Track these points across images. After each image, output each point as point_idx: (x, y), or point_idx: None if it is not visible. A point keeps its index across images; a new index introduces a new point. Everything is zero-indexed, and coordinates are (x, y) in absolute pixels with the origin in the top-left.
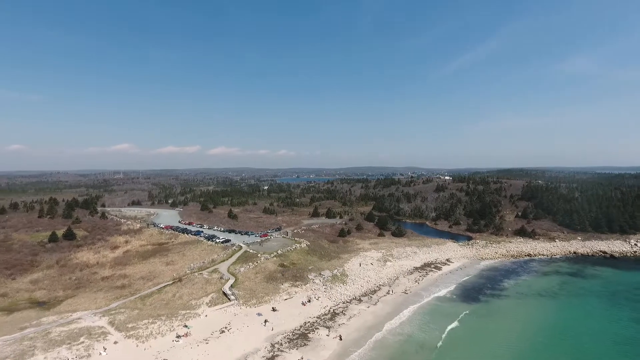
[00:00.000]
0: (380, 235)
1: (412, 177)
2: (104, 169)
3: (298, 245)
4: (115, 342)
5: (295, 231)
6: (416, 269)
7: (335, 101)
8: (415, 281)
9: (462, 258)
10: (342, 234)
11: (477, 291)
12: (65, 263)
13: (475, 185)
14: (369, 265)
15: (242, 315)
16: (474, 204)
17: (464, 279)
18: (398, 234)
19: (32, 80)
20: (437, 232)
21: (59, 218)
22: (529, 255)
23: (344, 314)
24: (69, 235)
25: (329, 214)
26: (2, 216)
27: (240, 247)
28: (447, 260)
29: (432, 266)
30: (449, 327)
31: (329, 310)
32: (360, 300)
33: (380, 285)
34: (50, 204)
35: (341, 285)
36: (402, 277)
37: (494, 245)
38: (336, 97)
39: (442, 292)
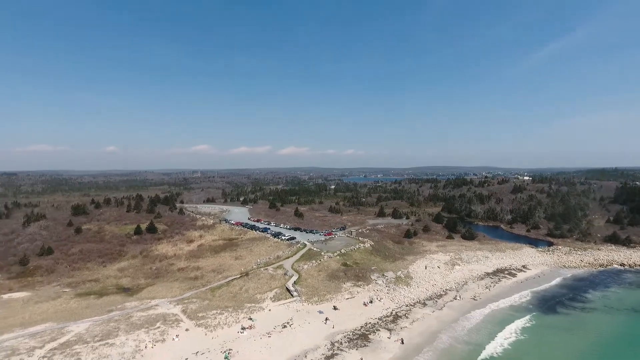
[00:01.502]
0: (449, 237)
1: (486, 177)
2: (184, 169)
3: (362, 245)
4: (187, 330)
5: (359, 231)
6: (487, 274)
7: (404, 101)
8: (486, 287)
9: (540, 265)
10: (408, 235)
11: (556, 302)
12: (147, 254)
13: (558, 186)
14: (436, 268)
15: (303, 311)
16: (556, 206)
17: (542, 287)
18: (468, 236)
19: (126, 88)
20: (512, 236)
21: (144, 213)
22: (622, 265)
23: (407, 317)
24: (151, 229)
25: (395, 214)
26: (98, 210)
27: (305, 245)
28: (523, 266)
29: (506, 272)
30: (522, 339)
31: (391, 313)
32: (424, 304)
33: (446, 289)
34: (136, 200)
35: (405, 287)
36: (471, 283)
37: (578, 252)
38: (405, 97)
39: (516, 301)
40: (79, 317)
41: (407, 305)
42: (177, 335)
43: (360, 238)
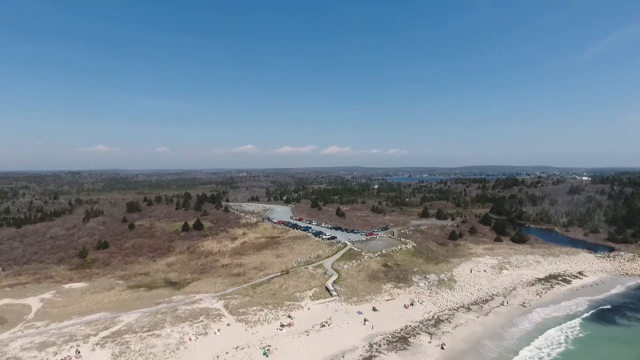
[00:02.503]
0: (497, 240)
1: (539, 177)
2: (231, 168)
3: (404, 245)
4: (228, 325)
5: (402, 231)
6: (539, 280)
7: (450, 99)
8: (537, 294)
9: (599, 272)
10: (453, 236)
11: (615, 312)
12: (193, 250)
13: (621, 187)
14: (482, 272)
15: (342, 311)
16: (619, 209)
17: (600, 296)
18: (518, 239)
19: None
20: (568, 240)
21: (191, 210)
22: None
23: (449, 322)
24: (198, 226)
25: (440, 215)
26: (150, 207)
27: (346, 245)
28: (580, 273)
29: (559, 278)
30: (574, 349)
31: (433, 316)
32: (468, 309)
33: (493, 294)
34: (185, 198)
35: (448, 290)
36: (520, 288)
37: None
38: (452, 97)
39: (570, 309)
40: (130, 308)
41: (449, 310)
42: (218, 330)
43: (402, 239)
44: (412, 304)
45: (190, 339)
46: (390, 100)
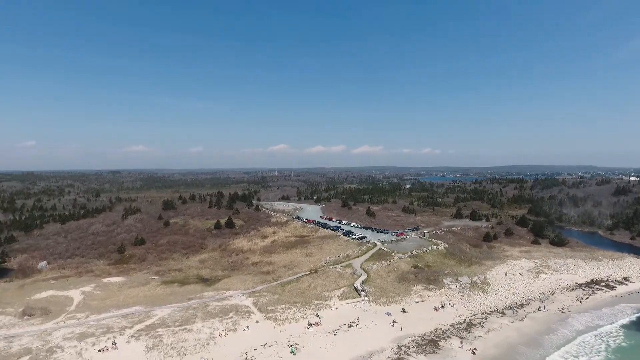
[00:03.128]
0: (535, 242)
1: (582, 177)
2: (263, 167)
3: (435, 247)
4: (257, 322)
5: (433, 232)
6: (579, 285)
7: (486, 96)
8: (577, 300)
9: None
10: (488, 238)
11: None
12: (225, 247)
13: None
14: (517, 275)
15: (371, 312)
16: None
17: None
18: (558, 242)
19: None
20: (612, 244)
21: (223, 209)
22: None
23: (482, 326)
24: (230, 224)
25: (474, 216)
26: (184, 205)
27: (375, 245)
28: (625, 278)
29: (602, 284)
30: None
31: (464, 320)
32: (502, 313)
33: (529, 299)
34: (217, 196)
35: (481, 294)
36: (559, 293)
37: None
38: (487, 92)
39: (613, 317)
40: (163, 302)
41: (482, 313)
42: (247, 326)
43: (433, 240)
44: (442, 307)
45: (219, 335)
46: (423, 99)
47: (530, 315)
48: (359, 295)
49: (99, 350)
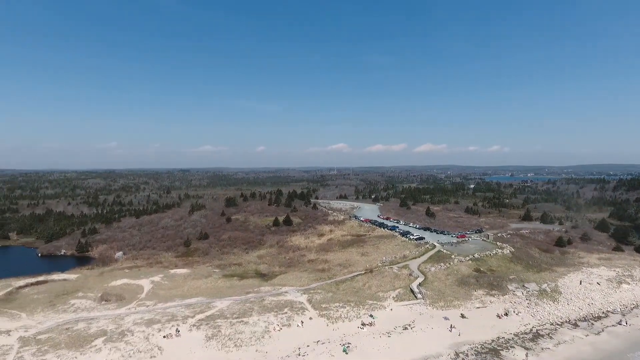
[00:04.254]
0: (617, 249)
1: None
2: (322, 166)
3: (500, 250)
4: (310, 318)
5: (498, 235)
6: None
7: (562, 88)
8: None
9: None
10: (560, 243)
11: None
12: (282, 244)
13: None
14: (594, 284)
15: (427, 315)
16: None
17: None
18: None
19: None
20: None
21: (282, 206)
22: None
23: (551, 338)
24: (287, 222)
25: (545, 219)
26: (245, 203)
27: (434, 246)
28: None
29: None
30: None
31: (531, 329)
32: (575, 325)
33: (607, 311)
34: (276, 194)
35: (550, 302)
36: None
37: None
38: (563, 84)
39: None
40: (223, 295)
41: (551, 324)
42: (301, 322)
43: (498, 243)
44: (506, 314)
45: (274, 329)
46: (489, 94)
47: (608, 329)
48: (415, 297)
49: (164, 337)
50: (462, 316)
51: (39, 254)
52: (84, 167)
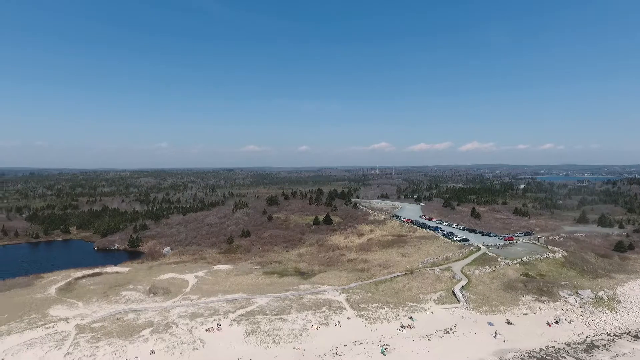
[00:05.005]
0: None
1: None
2: (363, 165)
3: (551, 254)
4: (348, 318)
5: (550, 238)
6: None
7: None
8: None
9: None
10: (620, 248)
11: None
12: (322, 243)
13: None
14: None
15: (470, 320)
16: None
17: None
18: None
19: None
20: None
21: (322, 205)
22: None
23: (608, 350)
24: (327, 221)
25: (603, 222)
26: (286, 201)
27: (479, 248)
28: None
29: None
30: None
31: (584, 340)
32: (636, 337)
33: None
34: (317, 193)
35: (607, 311)
36: None
37: None
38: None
39: None
40: (263, 292)
41: (608, 335)
42: (339, 322)
43: (549, 246)
44: (557, 322)
45: (312, 327)
46: (541, 88)
47: None
48: (458, 300)
49: (206, 330)
50: (508, 322)
51: (95, 248)
52: (137, 166)
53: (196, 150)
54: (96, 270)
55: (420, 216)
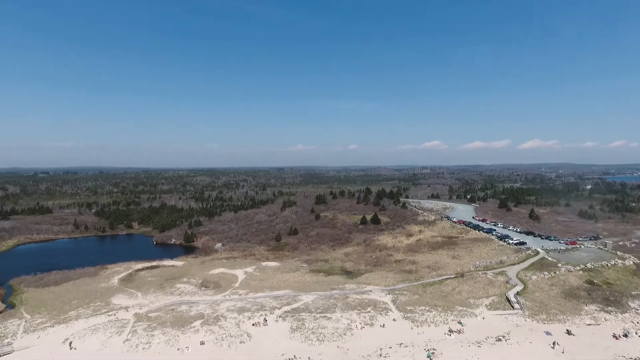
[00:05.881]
0: None
1: None
2: (414, 164)
3: (620, 261)
4: (394, 320)
5: (620, 243)
6: None
7: None
8: None
9: None
10: None
11: None
12: (369, 243)
13: None
14: None
15: (525, 328)
16: None
17: None
18: None
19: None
20: None
21: (370, 205)
22: None
23: None
24: (375, 220)
25: None
26: (334, 200)
27: (537, 253)
28: None
29: None
30: None
31: None
32: None
33: None
34: (365, 193)
35: None
36: None
37: None
38: None
39: None
40: (309, 289)
41: None
42: (384, 323)
43: (618, 252)
44: (625, 335)
45: (356, 327)
46: (610, 81)
47: None
48: (512, 307)
49: (253, 324)
50: (568, 332)
51: (154, 242)
52: (193, 165)
53: (248, 150)
54: (154, 263)
55: (473, 217)
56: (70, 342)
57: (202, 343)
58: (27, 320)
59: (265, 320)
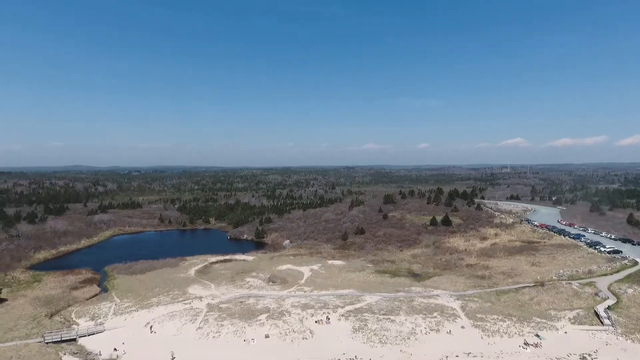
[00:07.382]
0: None
1: None
2: (493, 163)
3: None
4: (462, 327)
5: None
6: None
7: None
8: None
9: None
10: None
11: None
12: (439, 245)
13: None
14: None
15: (616, 347)
16: None
17: None
18: None
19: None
20: None
21: (441, 205)
22: None
23: None
24: (446, 222)
25: None
26: (403, 200)
27: (636, 263)
28: None
29: None
30: None
31: None
32: None
33: None
34: (436, 193)
35: None
36: None
37: None
38: None
39: None
40: (373, 290)
41: None
42: (450, 330)
43: None
44: None
45: (421, 332)
46: None
47: None
48: (601, 322)
49: (316, 322)
50: None
51: (228, 237)
52: (267, 164)
53: (319, 149)
54: (227, 257)
55: (558, 221)
56: (151, 326)
57: (266, 336)
58: (117, 304)
59: (327, 318)
